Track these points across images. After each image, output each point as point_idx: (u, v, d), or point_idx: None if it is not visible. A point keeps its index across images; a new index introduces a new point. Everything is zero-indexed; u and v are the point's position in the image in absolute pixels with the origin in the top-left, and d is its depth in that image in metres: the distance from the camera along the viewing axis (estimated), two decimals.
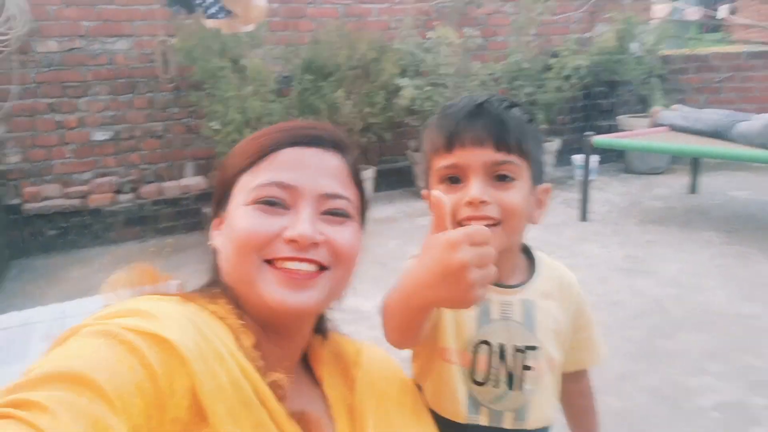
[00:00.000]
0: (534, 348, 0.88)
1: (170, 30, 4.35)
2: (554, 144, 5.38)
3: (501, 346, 0.87)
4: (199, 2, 3.22)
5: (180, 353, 0.56)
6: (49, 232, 4.14)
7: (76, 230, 4.19)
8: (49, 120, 4.27)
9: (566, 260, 0.98)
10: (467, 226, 0.61)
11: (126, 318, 0.58)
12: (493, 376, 0.87)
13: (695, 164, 4.81)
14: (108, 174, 4.46)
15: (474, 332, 0.87)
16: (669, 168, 5.66)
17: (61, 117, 4.30)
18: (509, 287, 0.90)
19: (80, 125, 4.36)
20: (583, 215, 4.22)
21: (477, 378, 0.87)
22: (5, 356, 1.48)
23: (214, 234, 0.78)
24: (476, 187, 0.81)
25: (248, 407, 0.59)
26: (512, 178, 0.83)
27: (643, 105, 5.98)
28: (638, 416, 1.97)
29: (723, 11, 8.53)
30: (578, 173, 4.91)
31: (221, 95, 4.07)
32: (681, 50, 6.32)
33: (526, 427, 0.89)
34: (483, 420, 0.88)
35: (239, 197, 0.72)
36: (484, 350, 0.87)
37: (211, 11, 3.18)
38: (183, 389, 0.55)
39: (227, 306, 0.69)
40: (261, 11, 3.15)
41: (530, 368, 0.88)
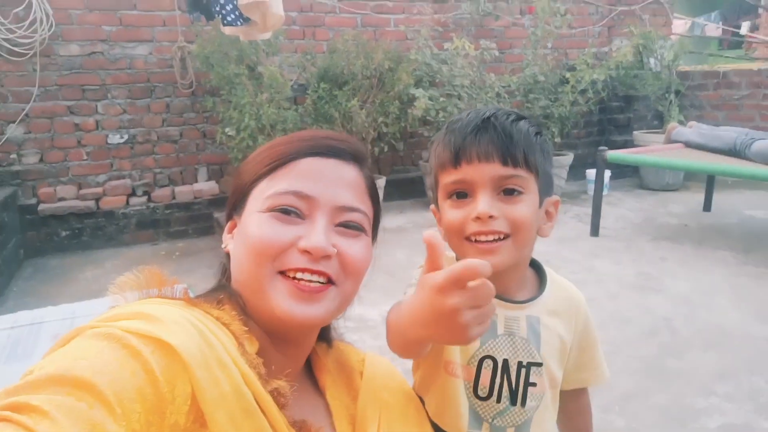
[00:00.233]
0: (538, 364, 0.87)
1: (189, 36, 4.42)
2: (568, 158, 5.35)
3: (505, 362, 0.86)
4: (218, 9, 3.26)
5: (182, 359, 0.56)
6: (63, 233, 4.20)
7: (90, 232, 4.25)
8: (68, 122, 4.34)
9: (577, 275, 0.98)
10: (457, 264, 0.58)
11: (130, 321, 0.58)
12: (496, 392, 0.86)
13: (710, 182, 4.76)
14: (122, 177, 4.52)
15: (478, 346, 0.87)
16: (684, 185, 5.60)
17: (80, 120, 4.37)
18: (516, 302, 0.89)
19: (98, 128, 4.43)
20: (595, 230, 4.18)
21: (479, 393, 0.87)
22: (13, 354, 1.50)
23: (227, 238, 0.78)
24: (484, 202, 0.81)
25: (249, 415, 0.58)
26: (520, 192, 0.82)
27: (660, 121, 5.94)
28: None
29: (745, 27, 8.47)
30: (591, 188, 4.88)
31: (237, 102, 4.11)
32: (700, 66, 6.27)
33: None
34: None
35: (255, 203, 0.72)
36: (488, 365, 0.86)
37: (229, 18, 3.22)
38: (184, 395, 0.55)
39: (232, 312, 0.69)
40: (278, 19, 3.18)
41: (534, 384, 0.87)
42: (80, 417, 0.47)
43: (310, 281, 0.68)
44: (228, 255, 0.77)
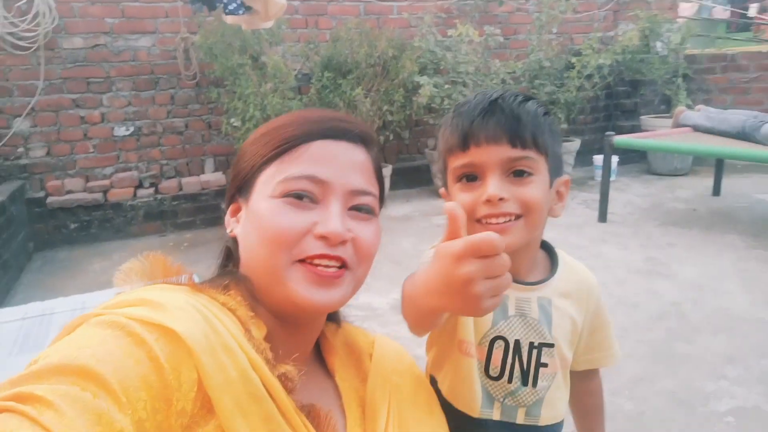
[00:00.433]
0: (549, 345, 0.88)
1: (192, 27, 4.41)
2: (575, 144, 5.32)
3: (517, 342, 0.87)
4: None
5: (187, 345, 0.55)
6: (72, 225, 4.22)
7: (98, 224, 4.27)
8: (74, 115, 4.35)
9: (584, 261, 0.97)
10: (476, 234, 0.59)
11: (134, 308, 0.58)
12: (507, 372, 0.87)
13: (719, 166, 4.72)
14: (129, 169, 4.53)
15: (490, 327, 0.87)
16: (692, 170, 5.56)
17: (85, 112, 4.38)
18: (527, 284, 0.89)
19: (103, 121, 4.44)
20: (603, 216, 4.16)
21: (491, 372, 0.87)
22: (24, 345, 1.52)
23: (231, 222, 0.77)
24: (493, 185, 0.80)
25: (256, 400, 0.58)
26: (530, 173, 0.82)
27: (667, 105, 5.88)
28: (652, 419, 1.94)
29: (753, 10, 8.36)
30: (598, 174, 4.85)
31: (241, 92, 4.11)
32: (708, 49, 6.20)
33: (538, 424, 0.89)
34: (496, 415, 0.88)
35: (265, 188, 0.71)
36: (499, 345, 0.87)
37: (231, 7, 3.20)
38: (190, 382, 0.55)
39: (238, 297, 0.68)
40: (280, 7, 3.17)
41: (545, 365, 0.87)
42: (85, 406, 0.47)
43: (327, 266, 0.68)
44: (234, 239, 0.76)
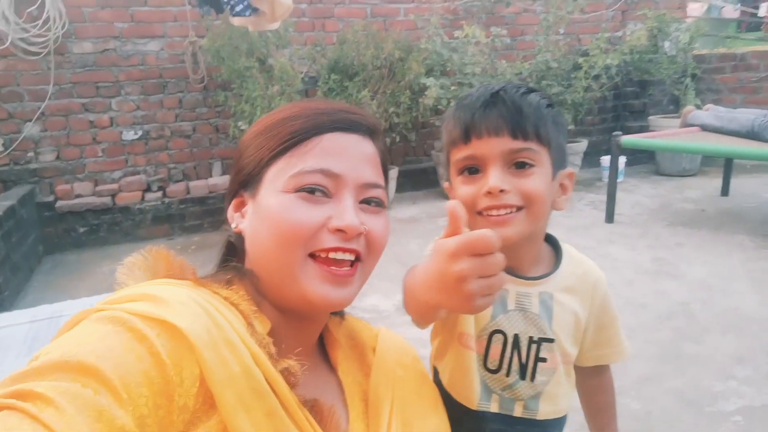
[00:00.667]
0: (549, 340, 0.87)
1: (200, 31, 4.44)
2: (582, 145, 5.29)
3: (516, 336, 0.86)
4: (226, 0, 3.27)
5: (189, 340, 0.55)
6: (81, 229, 4.26)
7: (107, 227, 4.30)
8: (83, 119, 4.39)
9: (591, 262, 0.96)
10: (472, 232, 0.59)
11: (136, 303, 0.57)
12: (506, 365, 0.87)
13: (728, 166, 4.68)
14: (137, 173, 4.56)
15: (489, 320, 0.87)
16: (701, 170, 5.52)
17: (94, 116, 4.42)
18: (529, 279, 0.89)
19: (112, 125, 4.48)
20: (610, 217, 4.14)
21: (489, 365, 0.87)
22: (33, 347, 1.53)
23: (235, 216, 0.75)
24: (494, 177, 0.80)
25: (259, 395, 0.58)
26: (531, 165, 0.82)
27: (676, 105, 5.85)
28: (659, 419, 1.92)
29: (763, 9, 8.29)
30: (606, 175, 4.83)
31: (248, 95, 4.13)
32: (717, 49, 6.15)
33: (536, 417, 0.88)
34: (494, 407, 0.88)
35: (276, 182, 0.69)
36: (498, 339, 0.86)
37: (238, 9, 3.22)
38: (192, 377, 0.54)
39: (241, 291, 0.68)
40: (286, 8, 3.18)
41: (544, 360, 0.87)
42: (86, 403, 0.47)
43: (342, 260, 0.68)
44: (238, 235, 0.75)
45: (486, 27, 5.09)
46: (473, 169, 0.84)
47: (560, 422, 0.92)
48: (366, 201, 0.72)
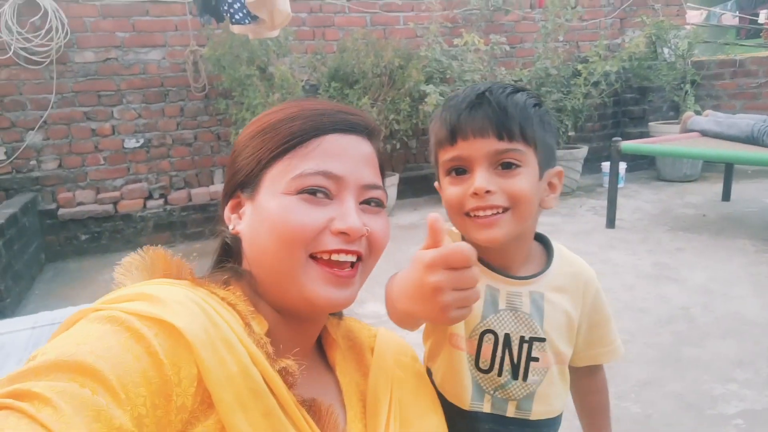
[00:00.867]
0: (541, 339, 0.87)
1: (201, 40, 4.47)
2: (582, 151, 5.30)
3: (507, 336, 0.86)
4: (226, 9, 3.30)
5: (187, 340, 0.55)
6: (83, 237, 4.27)
7: (108, 235, 4.31)
8: (85, 128, 4.42)
9: (592, 267, 0.96)
10: (450, 245, 0.60)
11: (133, 302, 0.57)
12: (497, 365, 0.86)
13: (728, 171, 4.68)
14: (139, 180, 4.59)
15: (479, 320, 0.87)
16: (701, 176, 5.52)
17: (96, 125, 4.45)
18: (519, 278, 0.88)
19: (114, 133, 4.50)
20: (611, 222, 4.14)
21: (481, 366, 0.87)
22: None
23: (233, 218, 0.75)
24: (480, 178, 0.80)
25: (257, 395, 0.57)
26: (518, 165, 0.81)
27: (676, 112, 5.86)
28: (659, 423, 1.91)
29: (763, 16, 8.32)
30: (606, 181, 4.83)
31: (249, 103, 4.15)
32: (716, 56, 6.17)
33: (529, 418, 0.88)
34: (486, 407, 0.87)
35: (276, 184, 0.69)
36: (489, 339, 0.86)
37: (237, 17, 3.25)
38: (190, 377, 0.54)
39: (238, 292, 0.68)
40: (286, 16, 3.20)
41: (536, 359, 0.87)
42: (84, 403, 0.47)
43: (344, 261, 0.68)
44: (235, 236, 0.74)
45: (485, 35, 5.12)
46: (460, 170, 0.84)
47: (554, 422, 0.91)
48: (366, 202, 0.72)
